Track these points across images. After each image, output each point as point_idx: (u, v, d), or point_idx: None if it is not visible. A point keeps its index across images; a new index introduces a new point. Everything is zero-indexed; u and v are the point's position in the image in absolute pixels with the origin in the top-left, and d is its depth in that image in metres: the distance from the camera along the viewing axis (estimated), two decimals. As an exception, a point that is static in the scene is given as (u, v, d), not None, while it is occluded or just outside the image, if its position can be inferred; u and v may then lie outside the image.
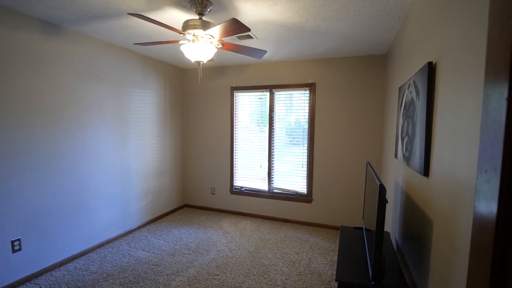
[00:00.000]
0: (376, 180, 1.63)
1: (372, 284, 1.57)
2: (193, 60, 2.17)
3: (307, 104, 3.94)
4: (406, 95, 2.02)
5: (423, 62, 1.67)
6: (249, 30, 1.78)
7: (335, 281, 1.65)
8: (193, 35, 2.07)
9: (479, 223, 0.62)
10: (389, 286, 1.56)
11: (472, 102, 0.98)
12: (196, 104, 4.66)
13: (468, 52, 1.03)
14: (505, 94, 0.53)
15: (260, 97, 4.23)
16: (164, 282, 2.54)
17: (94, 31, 2.83)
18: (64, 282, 2.53)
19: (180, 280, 2.57)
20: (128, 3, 2.14)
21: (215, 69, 4.45)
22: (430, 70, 1.46)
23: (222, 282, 2.56)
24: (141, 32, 2.84)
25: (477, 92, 0.94)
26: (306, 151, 3.99)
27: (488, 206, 0.58)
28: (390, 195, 2.74)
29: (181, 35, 2.14)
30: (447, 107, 1.24)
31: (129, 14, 1.66)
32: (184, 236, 3.57)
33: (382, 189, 1.47)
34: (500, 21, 0.57)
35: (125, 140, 3.54)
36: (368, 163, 2.23)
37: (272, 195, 4.23)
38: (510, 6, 0.53)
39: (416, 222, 1.66)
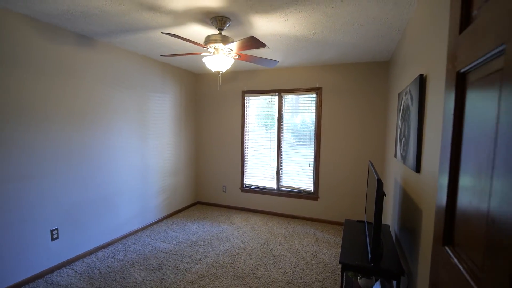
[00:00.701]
0: (375, 175, 1.88)
1: (371, 266, 1.82)
2: (213, 70, 2.45)
3: (314, 108, 4.19)
4: (404, 101, 2.26)
5: (416, 74, 1.92)
6: (265, 46, 2.05)
7: (339, 263, 1.90)
8: (214, 48, 2.35)
9: (437, 213, 0.86)
10: (385, 267, 1.80)
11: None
12: (209, 107, 4.95)
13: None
14: (452, 108, 0.79)
15: (270, 100, 4.50)
16: (184, 269, 2.82)
17: (121, 42, 3.13)
18: (95, 267, 2.83)
19: (199, 267, 2.85)
20: (157, 20, 2.43)
21: (227, 74, 4.73)
22: (421, 81, 1.70)
23: (236, 269, 2.83)
24: (163, 43, 3.13)
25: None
26: (313, 151, 4.24)
27: (441, 199, 0.83)
28: (390, 192, 2.97)
29: (204, 48, 2.42)
30: (433, 114, 1.49)
31: (162, 33, 1.95)
32: (199, 230, 3.86)
33: (379, 183, 1.72)
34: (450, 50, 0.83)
35: (145, 141, 3.84)
36: (370, 162, 2.47)
37: (280, 192, 4.49)
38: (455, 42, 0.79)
39: (410, 212, 1.91)
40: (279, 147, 4.45)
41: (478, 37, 0.63)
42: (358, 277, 2.16)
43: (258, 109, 4.62)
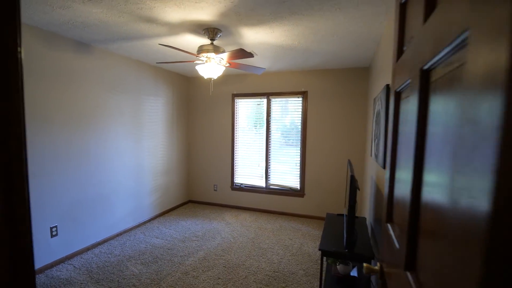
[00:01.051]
0: (350, 172, 2.14)
1: (345, 251, 2.08)
2: (205, 77, 2.66)
3: (300, 110, 4.45)
4: (377, 106, 2.53)
5: (384, 83, 2.19)
6: (253, 56, 2.28)
7: (318, 250, 2.14)
8: (206, 57, 2.56)
9: (386, 199, 1.11)
10: (358, 252, 2.06)
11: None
12: (200, 109, 5.14)
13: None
14: (392, 116, 1.04)
15: (258, 103, 4.73)
16: (178, 262, 3.01)
17: (117, 48, 3.30)
18: (93, 262, 2.99)
19: (192, 260, 3.05)
20: (153, 30, 2.62)
21: (219, 78, 4.93)
22: (387, 90, 1.97)
23: (227, 261, 3.04)
24: (158, 49, 3.32)
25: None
26: (300, 151, 4.50)
27: (386, 189, 1.08)
28: (368, 187, 3.25)
29: (197, 57, 2.63)
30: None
31: (160, 44, 2.15)
32: (192, 227, 4.05)
33: (352, 178, 1.97)
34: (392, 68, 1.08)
35: (139, 142, 4.00)
36: (349, 161, 2.74)
37: (269, 190, 4.73)
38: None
39: (379, 204, 2.18)
40: (267, 148, 4.69)
41: (400, 70, 0.88)
42: (337, 264, 2.41)
43: (248, 111, 4.85)
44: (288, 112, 4.58)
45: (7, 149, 0.42)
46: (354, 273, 2.47)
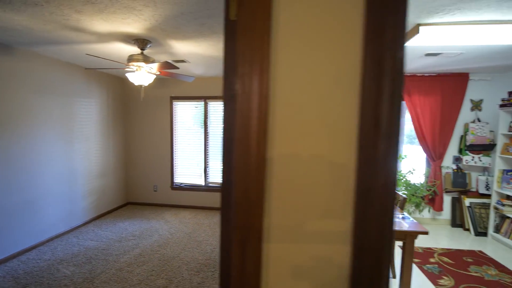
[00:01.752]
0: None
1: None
2: (136, 84, 2.84)
3: (235, 113, 4.82)
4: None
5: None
6: (178, 68, 2.55)
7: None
8: (137, 66, 2.76)
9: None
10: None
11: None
12: (138, 111, 5.18)
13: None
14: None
15: (196, 106, 4.98)
16: (113, 260, 3.13)
17: (44, 50, 3.25)
18: (20, 269, 2.94)
19: (127, 257, 3.20)
20: (82, 38, 2.71)
21: (156, 80, 5.03)
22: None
23: (163, 255, 3.26)
24: (89, 51, 3.35)
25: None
26: (235, 151, 4.88)
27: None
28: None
29: (127, 66, 2.80)
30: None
31: (87, 54, 2.29)
32: (129, 227, 4.14)
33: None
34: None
35: (71, 145, 3.94)
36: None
37: (208, 188, 5.02)
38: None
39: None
40: (206, 147, 4.98)
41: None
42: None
43: (187, 113, 5.06)
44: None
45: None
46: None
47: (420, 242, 3.72)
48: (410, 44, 2.51)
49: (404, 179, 4.34)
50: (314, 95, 0.48)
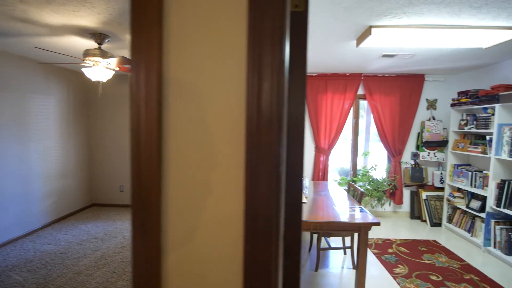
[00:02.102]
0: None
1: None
2: (93, 80, 2.73)
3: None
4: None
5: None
6: (137, 64, 2.48)
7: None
8: (94, 61, 2.65)
9: None
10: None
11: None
12: (101, 108, 4.98)
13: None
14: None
15: (164, 104, 4.88)
16: (72, 264, 3.00)
17: (-9, 43, 3.03)
18: (-36, 277, 2.73)
19: (87, 260, 3.07)
20: (32, 29, 2.56)
21: (120, 75, 4.87)
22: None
23: (125, 256, 3.17)
24: (42, 44, 3.17)
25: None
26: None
27: None
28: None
29: (82, 60, 2.68)
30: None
31: (36, 47, 2.17)
32: (92, 229, 3.97)
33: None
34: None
35: (25, 144, 3.71)
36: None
37: (176, 188, 4.94)
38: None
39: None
40: (174, 147, 4.89)
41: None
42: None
43: (154, 111, 4.94)
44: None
45: None
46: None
47: (381, 233, 3.91)
48: (365, 45, 2.63)
49: (367, 175, 4.54)
50: (206, 83, 0.50)
